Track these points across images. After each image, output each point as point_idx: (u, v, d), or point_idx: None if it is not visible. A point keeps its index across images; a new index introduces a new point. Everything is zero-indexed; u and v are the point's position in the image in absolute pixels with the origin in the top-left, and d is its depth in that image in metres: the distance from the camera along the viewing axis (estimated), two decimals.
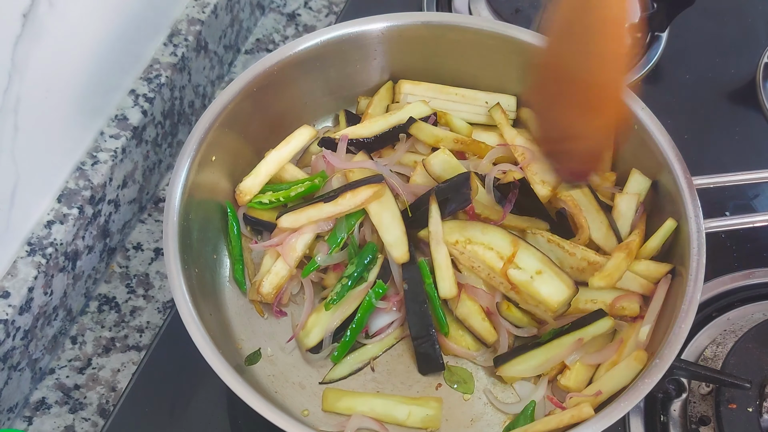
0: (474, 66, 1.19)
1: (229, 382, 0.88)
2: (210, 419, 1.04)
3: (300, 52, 1.11)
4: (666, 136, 1.05)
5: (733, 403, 1.00)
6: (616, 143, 1.10)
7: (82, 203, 1.05)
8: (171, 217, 0.98)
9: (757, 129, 1.31)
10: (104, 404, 1.07)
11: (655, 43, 1.37)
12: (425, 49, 1.18)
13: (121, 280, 1.16)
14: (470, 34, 1.15)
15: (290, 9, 1.44)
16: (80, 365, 1.10)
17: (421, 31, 1.15)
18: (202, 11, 1.24)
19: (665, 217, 1.04)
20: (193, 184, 1.02)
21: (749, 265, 1.17)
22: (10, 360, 0.99)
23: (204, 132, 1.04)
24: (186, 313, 0.92)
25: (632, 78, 1.33)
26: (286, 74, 1.11)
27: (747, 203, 1.20)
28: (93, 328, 1.13)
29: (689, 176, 1.02)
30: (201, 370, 0.89)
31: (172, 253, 0.95)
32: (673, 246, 1.03)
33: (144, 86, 1.15)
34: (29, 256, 1.00)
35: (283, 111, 1.16)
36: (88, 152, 1.09)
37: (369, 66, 1.19)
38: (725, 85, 1.35)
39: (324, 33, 1.12)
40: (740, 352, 1.03)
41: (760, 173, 1.10)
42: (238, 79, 1.08)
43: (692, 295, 0.94)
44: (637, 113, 1.07)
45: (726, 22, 1.42)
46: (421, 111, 1.14)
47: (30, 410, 1.06)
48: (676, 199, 1.02)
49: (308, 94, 1.18)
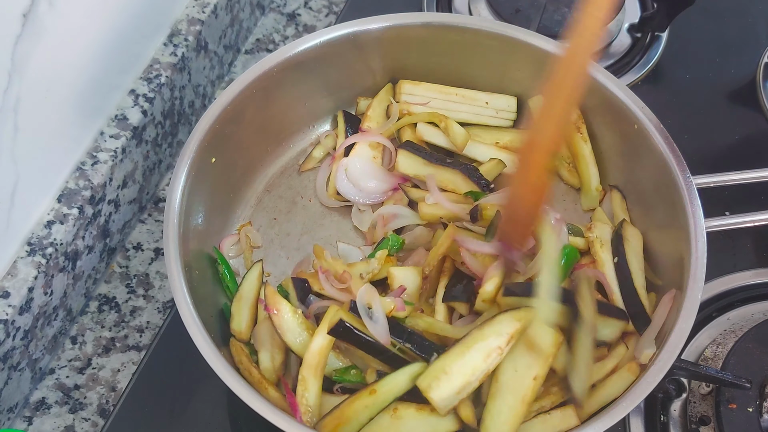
0: (474, 66, 1.19)
1: (230, 383, 0.88)
2: (210, 419, 1.04)
3: (300, 53, 1.11)
4: (666, 136, 1.05)
5: (733, 403, 1.00)
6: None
7: (82, 203, 1.05)
8: (171, 218, 0.98)
9: (757, 129, 1.31)
10: (104, 404, 1.07)
11: (655, 43, 1.37)
12: (425, 50, 1.18)
13: (121, 280, 1.16)
14: (470, 35, 1.15)
15: (290, 9, 1.44)
16: (80, 365, 1.10)
17: (420, 32, 1.15)
18: (202, 11, 1.24)
19: (664, 215, 1.04)
20: (193, 184, 1.02)
21: (749, 265, 1.17)
22: (10, 360, 0.99)
23: (204, 133, 1.03)
24: (186, 313, 0.92)
25: (632, 78, 1.34)
26: (286, 75, 1.11)
27: (747, 203, 1.19)
28: (93, 328, 1.12)
29: (689, 176, 1.02)
30: (201, 370, 0.89)
31: (173, 254, 0.95)
32: (673, 246, 1.03)
33: (144, 86, 1.15)
34: (29, 256, 1.00)
35: (282, 111, 1.16)
36: (88, 152, 1.09)
37: (368, 67, 1.19)
38: (725, 85, 1.35)
39: (324, 34, 1.12)
40: (740, 352, 1.03)
41: (760, 172, 1.10)
42: (238, 80, 1.08)
43: (692, 295, 0.94)
44: (637, 113, 1.07)
45: (726, 21, 1.42)
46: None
47: (30, 410, 1.06)
48: (676, 199, 1.02)
49: (308, 94, 1.18)
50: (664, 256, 1.06)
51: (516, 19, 1.30)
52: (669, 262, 1.04)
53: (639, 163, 1.09)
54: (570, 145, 1.17)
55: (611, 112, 1.11)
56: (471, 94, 1.19)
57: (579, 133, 1.15)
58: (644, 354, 0.96)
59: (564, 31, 0.95)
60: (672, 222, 1.03)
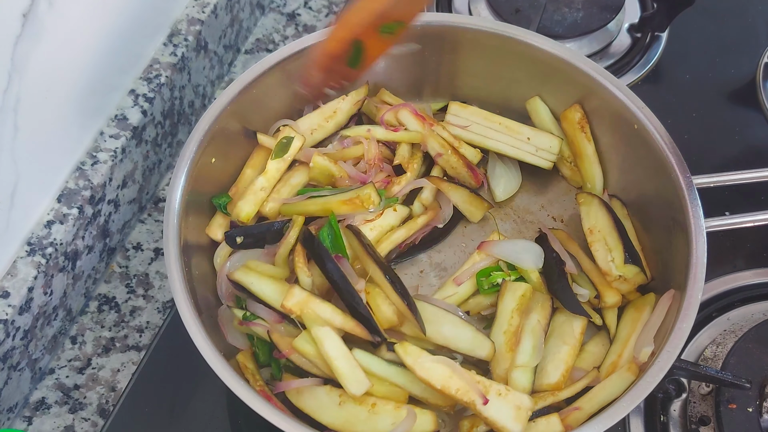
0: (481, 73, 1.19)
1: (229, 383, 0.88)
2: (210, 419, 1.04)
3: (299, 53, 1.10)
4: (666, 135, 1.05)
5: (733, 403, 1.00)
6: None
7: (81, 203, 1.05)
8: (171, 219, 0.98)
9: (757, 129, 1.31)
10: (104, 404, 1.07)
11: (655, 43, 1.37)
12: (420, 52, 1.17)
13: (120, 280, 1.16)
14: (472, 35, 1.14)
15: (290, 9, 1.44)
16: (80, 365, 1.10)
17: (416, 32, 1.14)
18: (202, 11, 1.24)
19: (666, 218, 1.04)
20: (193, 185, 1.02)
21: (749, 265, 1.17)
22: (9, 360, 0.99)
23: (204, 133, 1.03)
24: (186, 313, 0.92)
25: (632, 78, 1.34)
26: (285, 75, 1.11)
27: (747, 203, 1.19)
28: (93, 328, 1.12)
29: (689, 176, 1.02)
30: (201, 370, 0.89)
31: (173, 254, 0.95)
32: (673, 246, 1.03)
33: (144, 86, 1.15)
34: (29, 256, 1.00)
35: (282, 112, 1.16)
36: (88, 152, 1.09)
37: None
38: (725, 84, 1.35)
39: (324, 34, 1.12)
40: (740, 352, 1.03)
41: (760, 172, 1.10)
42: (238, 80, 1.08)
43: (693, 295, 0.94)
44: (637, 113, 1.07)
45: (726, 22, 1.42)
46: None
47: (30, 410, 1.06)
48: (675, 200, 1.02)
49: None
50: (664, 256, 1.06)
51: (516, 19, 1.30)
52: (669, 262, 1.04)
53: (639, 163, 1.09)
54: (573, 144, 1.17)
55: (611, 112, 1.11)
56: (515, 127, 1.16)
57: (583, 132, 1.15)
58: (643, 352, 0.96)
59: (564, 31, 0.96)
60: (672, 222, 1.03)
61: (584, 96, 1.14)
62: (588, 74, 1.11)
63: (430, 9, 1.38)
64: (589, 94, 1.13)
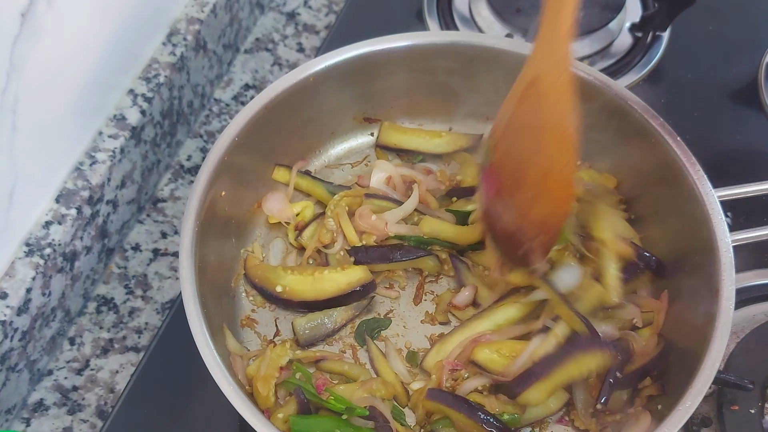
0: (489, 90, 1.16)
1: (238, 406, 0.88)
2: (209, 421, 1.04)
3: (318, 72, 1.08)
4: (680, 144, 1.03)
5: (735, 404, 1.00)
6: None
7: (80, 203, 1.04)
8: (186, 257, 0.94)
9: (759, 129, 1.31)
10: (103, 406, 1.06)
11: (656, 43, 1.37)
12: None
13: (119, 281, 1.16)
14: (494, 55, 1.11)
15: (290, 8, 1.43)
16: (78, 366, 1.09)
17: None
18: (201, 10, 1.23)
19: (682, 223, 1.03)
20: (207, 213, 1.00)
21: (749, 265, 1.17)
22: (8, 361, 0.98)
23: (217, 160, 1.01)
24: (197, 329, 0.91)
25: (633, 78, 1.33)
26: (295, 98, 1.09)
27: (750, 213, 1.19)
28: (91, 329, 1.12)
29: (704, 177, 1.00)
30: (200, 371, 0.89)
31: (190, 294, 0.92)
32: (698, 257, 1.01)
33: (143, 86, 1.15)
34: (27, 256, 0.99)
35: (291, 135, 1.14)
36: (87, 152, 1.08)
37: (393, 82, 1.16)
38: (727, 84, 1.35)
39: (337, 55, 1.09)
40: (742, 353, 1.03)
41: (762, 185, 1.08)
42: (247, 107, 1.05)
43: (725, 313, 0.92)
44: (639, 113, 1.06)
45: (727, 21, 1.42)
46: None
47: (28, 412, 1.06)
48: (692, 207, 1.01)
49: (330, 113, 1.16)
50: (684, 263, 1.04)
51: (516, 18, 1.30)
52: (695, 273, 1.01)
53: (649, 168, 1.09)
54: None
55: (611, 113, 1.10)
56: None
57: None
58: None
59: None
60: (683, 227, 1.02)
61: (585, 97, 1.13)
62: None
63: (430, 9, 1.38)
64: (589, 96, 1.10)
